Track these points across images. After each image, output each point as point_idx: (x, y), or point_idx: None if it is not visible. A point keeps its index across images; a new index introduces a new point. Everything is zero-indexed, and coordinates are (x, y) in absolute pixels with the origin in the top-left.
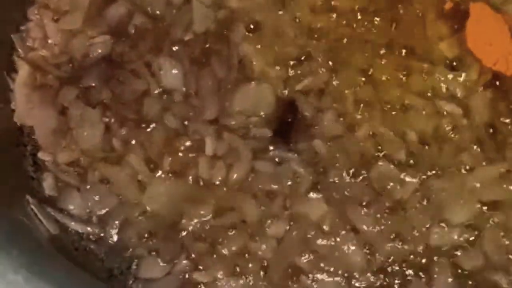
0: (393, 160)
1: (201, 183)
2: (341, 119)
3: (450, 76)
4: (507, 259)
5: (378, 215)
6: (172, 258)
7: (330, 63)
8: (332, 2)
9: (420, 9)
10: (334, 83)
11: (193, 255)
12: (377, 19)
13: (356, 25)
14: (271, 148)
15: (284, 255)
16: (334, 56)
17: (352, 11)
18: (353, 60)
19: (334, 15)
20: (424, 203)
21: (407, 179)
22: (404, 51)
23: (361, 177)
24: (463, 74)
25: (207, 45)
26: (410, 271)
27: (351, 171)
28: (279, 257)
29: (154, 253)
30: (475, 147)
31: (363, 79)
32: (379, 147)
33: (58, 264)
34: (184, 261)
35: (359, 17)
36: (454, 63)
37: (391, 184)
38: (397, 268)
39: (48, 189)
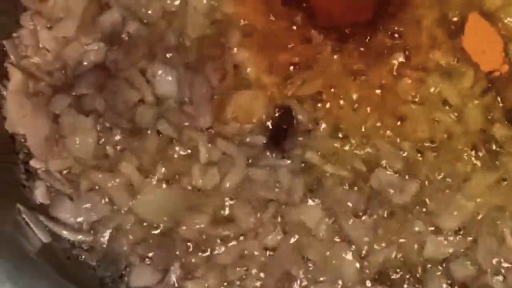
0: (391, 169)
1: (195, 191)
2: (337, 126)
3: (444, 84)
4: (500, 266)
5: (373, 224)
6: (165, 266)
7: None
8: None
9: (417, 15)
10: (330, 91)
11: (186, 264)
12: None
13: None
14: (266, 155)
15: (278, 264)
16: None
17: None
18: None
19: None
20: (419, 211)
21: (405, 186)
22: (398, 58)
23: (356, 185)
24: (457, 82)
25: (202, 52)
26: (404, 281)
27: (347, 179)
28: (273, 266)
29: (147, 261)
30: (470, 154)
31: (359, 87)
32: (376, 157)
33: (46, 277)
34: (177, 270)
35: None
36: (448, 72)
37: (390, 190)
38: (390, 277)
39: (40, 197)
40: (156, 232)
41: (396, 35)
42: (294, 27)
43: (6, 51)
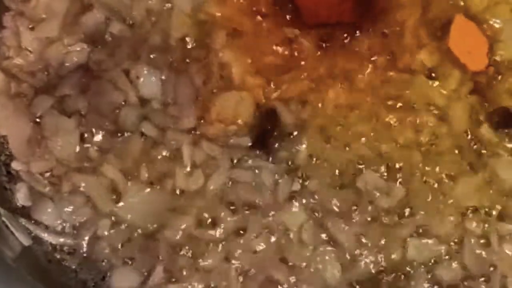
0: (377, 171)
1: (179, 193)
2: (322, 128)
3: (429, 85)
4: (487, 269)
5: (358, 227)
6: (147, 269)
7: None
8: None
9: (402, 16)
10: (315, 92)
11: (169, 267)
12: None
13: None
14: (250, 157)
15: (262, 267)
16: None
17: None
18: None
19: None
20: (405, 214)
21: (392, 189)
22: (383, 60)
23: (342, 188)
24: (443, 83)
25: (186, 53)
26: (388, 284)
27: (332, 181)
28: (257, 269)
29: (129, 264)
30: (456, 156)
31: (344, 89)
32: (361, 159)
33: (23, 283)
34: (160, 273)
35: None
36: (433, 74)
37: (377, 193)
38: (375, 281)
39: (21, 200)
40: (139, 234)
41: (381, 36)
42: (279, 28)
43: None
